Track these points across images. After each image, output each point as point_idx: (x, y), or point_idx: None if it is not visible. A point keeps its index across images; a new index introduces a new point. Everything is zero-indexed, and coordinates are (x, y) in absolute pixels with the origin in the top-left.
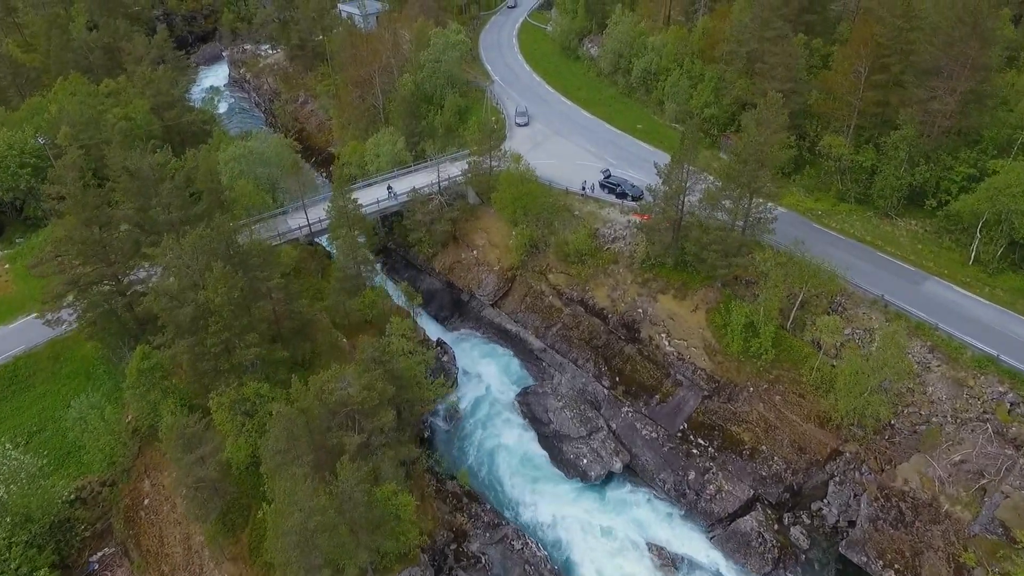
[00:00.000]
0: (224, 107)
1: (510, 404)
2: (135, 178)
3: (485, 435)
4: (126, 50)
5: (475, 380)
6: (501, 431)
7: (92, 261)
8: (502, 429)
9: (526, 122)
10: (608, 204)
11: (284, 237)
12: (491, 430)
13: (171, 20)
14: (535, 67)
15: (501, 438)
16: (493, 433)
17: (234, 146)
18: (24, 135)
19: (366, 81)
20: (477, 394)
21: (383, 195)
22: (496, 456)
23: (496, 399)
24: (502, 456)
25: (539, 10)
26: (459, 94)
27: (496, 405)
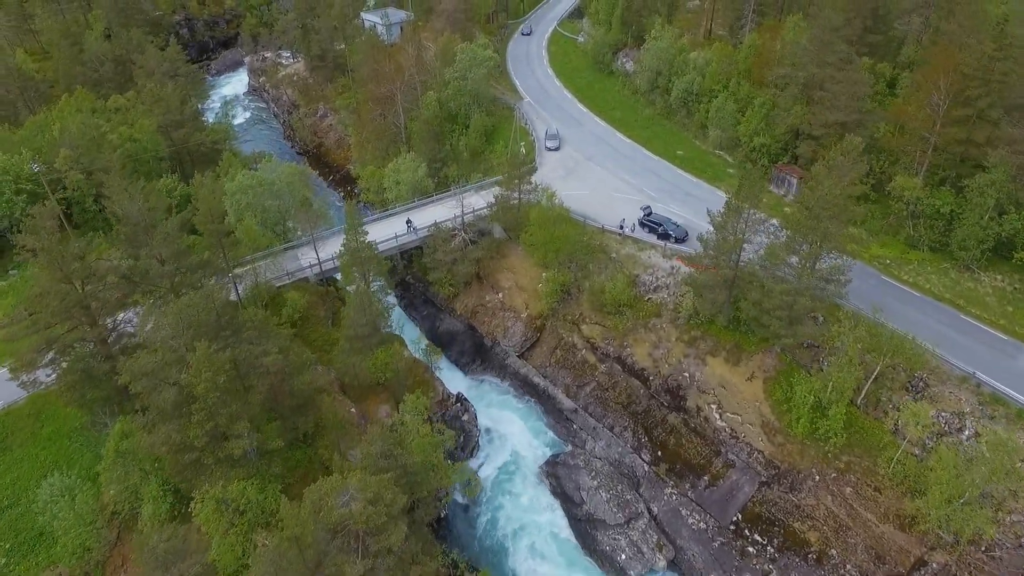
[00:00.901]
0: (242, 117)
1: (537, 474)
2: (124, 223)
3: (509, 514)
4: (138, 63)
5: (498, 441)
6: (527, 509)
7: (71, 321)
8: (528, 507)
9: (557, 146)
10: (649, 246)
11: (293, 276)
12: (516, 508)
13: (192, 25)
14: (566, 82)
15: (527, 518)
16: (518, 512)
17: (242, 175)
18: (21, 159)
19: (387, 99)
20: (500, 460)
21: (402, 229)
22: (520, 541)
23: (521, 467)
24: (528, 541)
25: (569, 18)
26: (486, 112)
27: (522, 475)
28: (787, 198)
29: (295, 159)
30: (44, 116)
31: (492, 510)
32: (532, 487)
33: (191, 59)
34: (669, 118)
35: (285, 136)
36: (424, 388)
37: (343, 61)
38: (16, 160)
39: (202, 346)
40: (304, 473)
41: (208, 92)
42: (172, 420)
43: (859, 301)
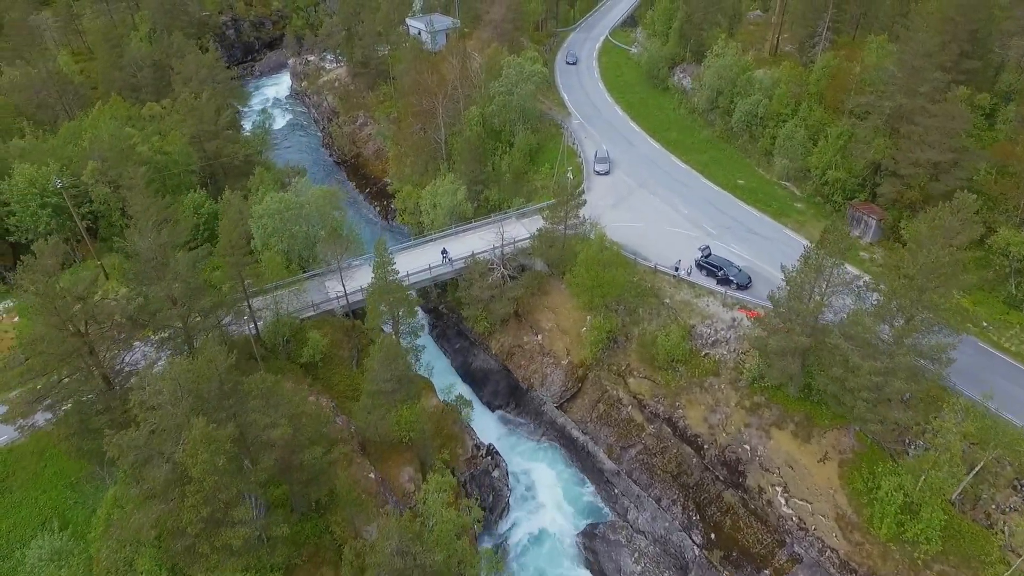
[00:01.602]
0: (282, 121)
1: (572, 545)
2: (134, 259)
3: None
4: (176, 68)
5: (530, 502)
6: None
7: (68, 368)
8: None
9: (607, 170)
10: (707, 292)
11: (319, 308)
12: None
13: (239, 26)
14: (618, 98)
15: None
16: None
17: (269, 198)
18: (48, 171)
19: (428, 112)
20: (532, 525)
21: (436, 259)
22: None
23: (555, 536)
24: None
25: (622, 27)
26: (531, 130)
27: (555, 545)
28: (864, 240)
29: (332, 168)
30: (78, 124)
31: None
32: (567, 563)
33: (236, 60)
34: (730, 142)
35: (323, 143)
36: (453, 443)
37: (386, 68)
38: (43, 172)
39: (200, 423)
40: (313, 551)
41: (247, 99)
42: (161, 502)
43: (955, 375)
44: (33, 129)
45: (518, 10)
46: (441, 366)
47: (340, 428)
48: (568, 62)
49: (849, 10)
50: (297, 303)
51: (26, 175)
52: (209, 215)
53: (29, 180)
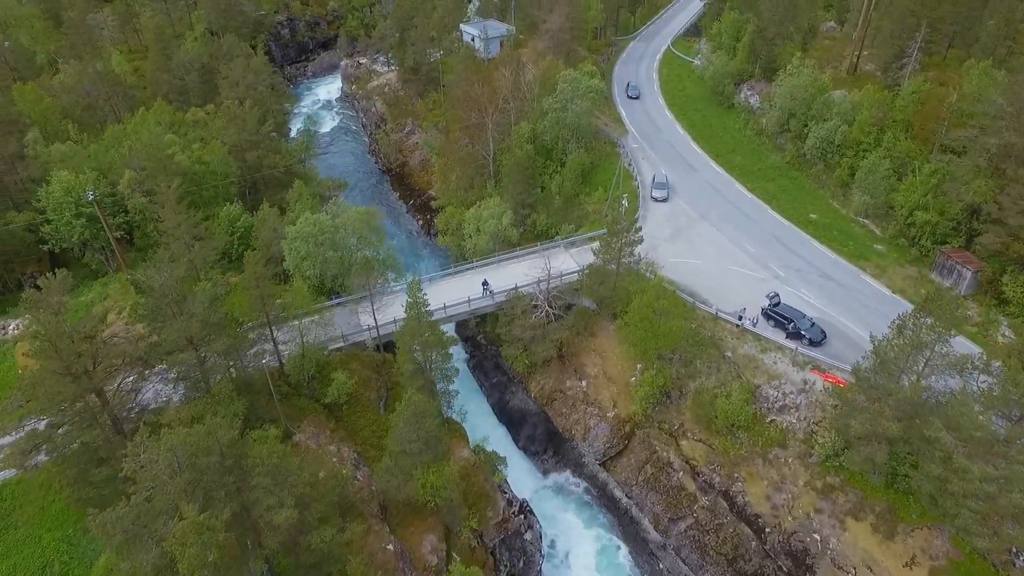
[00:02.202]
0: (330, 125)
1: None
2: (148, 294)
3: None
4: (223, 72)
5: (564, 571)
6: None
7: (71, 414)
8: None
9: (665, 196)
10: (775, 346)
11: (349, 339)
12: None
13: (294, 25)
14: (678, 115)
15: None
16: None
17: (304, 220)
18: (85, 179)
19: (477, 126)
20: None
21: (476, 290)
22: None
23: None
24: None
25: (684, 37)
26: (585, 148)
27: None
28: (954, 293)
29: (377, 176)
30: (121, 128)
31: None
32: None
33: (290, 60)
34: (801, 170)
35: (370, 150)
36: (483, 503)
37: (436, 75)
38: (80, 181)
39: (190, 512)
40: None
41: (294, 104)
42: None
43: None
44: (78, 133)
45: (577, 19)
46: (476, 401)
47: (360, 486)
48: (630, 95)
49: (943, 29)
50: (325, 334)
51: (63, 183)
52: (244, 229)
53: (65, 188)
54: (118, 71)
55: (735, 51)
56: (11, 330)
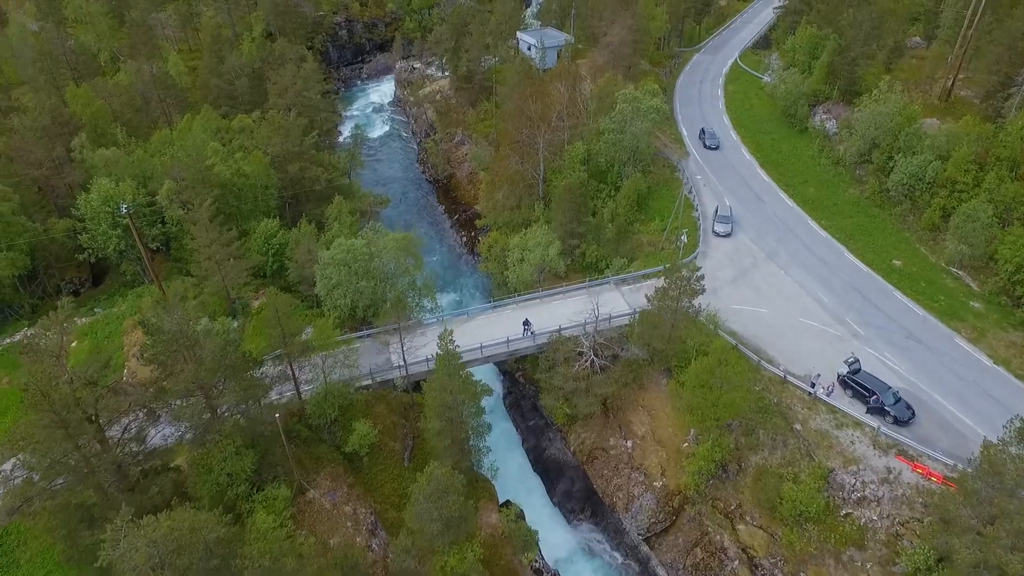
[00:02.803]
0: (380, 130)
1: None
2: (156, 337)
3: None
4: (272, 79)
5: None
6: None
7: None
8: None
9: (728, 231)
10: (852, 422)
11: (376, 377)
12: None
13: (352, 27)
14: (744, 136)
15: None
16: None
17: (337, 245)
18: (124, 189)
19: (528, 143)
20: None
21: (516, 329)
22: None
23: None
24: None
25: (753, 50)
26: (642, 171)
27: None
28: None
29: (423, 187)
30: (168, 134)
31: None
32: None
33: (346, 61)
34: (883, 207)
35: (418, 158)
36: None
37: (490, 84)
38: (119, 190)
39: None
40: None
41: (346, 109)
42: None
43: None
44: (126, 136)
45: (640, 31)
46: (510, 442)
47: (373, 559)
48: (708, 145)
49: None
50: (350, 373)
51: (102, 192)
52: (280, 247)
53: (104, 198)
54: (174, 72)
55: (810, 69)
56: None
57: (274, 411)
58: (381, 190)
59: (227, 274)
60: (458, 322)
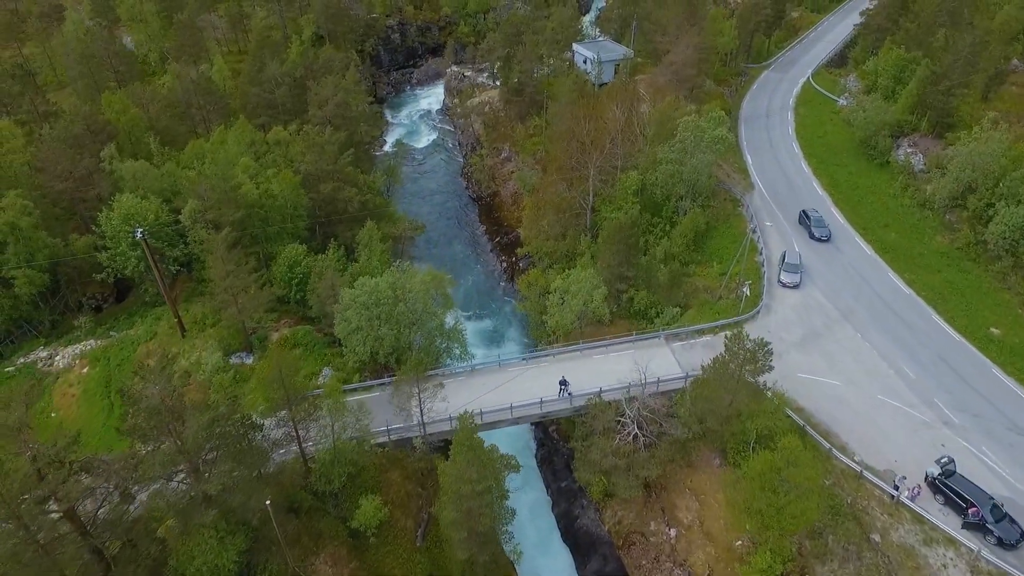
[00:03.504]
0: (426, 139)
1: None
2: (135, 407)
3: None
4: (312, 89)
5: None
6: None
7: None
8: None
9: (797, 282)
10: (945, 538)
11: (393, 435)
12: None
13: (404, 30)
14: (817, 169)
15: None
16: None
17: (360, 285)
18: (147, 206)
19: (577, 169)
20: None
21: (550, 387)
22: None
23: None
24: None
25: (827, 68)
26: (701, 206)
27: None
28: None
29: (465, 203)
30: (201, 144)
31: None
32: None
33: (398, 65)
34: (979, 262)
35: (463, 172)
36: None
37: (541, 98)
38: (142, 207)
39: None
40: None
41: (382, 128)
42: None
43: None
44: (159, 147)
45: (707, 50)
46: (538, 505)
47: None
48: (817, 236)
49: None
50: (364, 426)
51: (124, 209)
52: (303, 275)
53: (125, 216)
54: (218, 76)
55: (894, 95)
56: (58, 361)
57: (264, 497)
58: (422, 203)
59: (244, 307)
60: (487, 372)
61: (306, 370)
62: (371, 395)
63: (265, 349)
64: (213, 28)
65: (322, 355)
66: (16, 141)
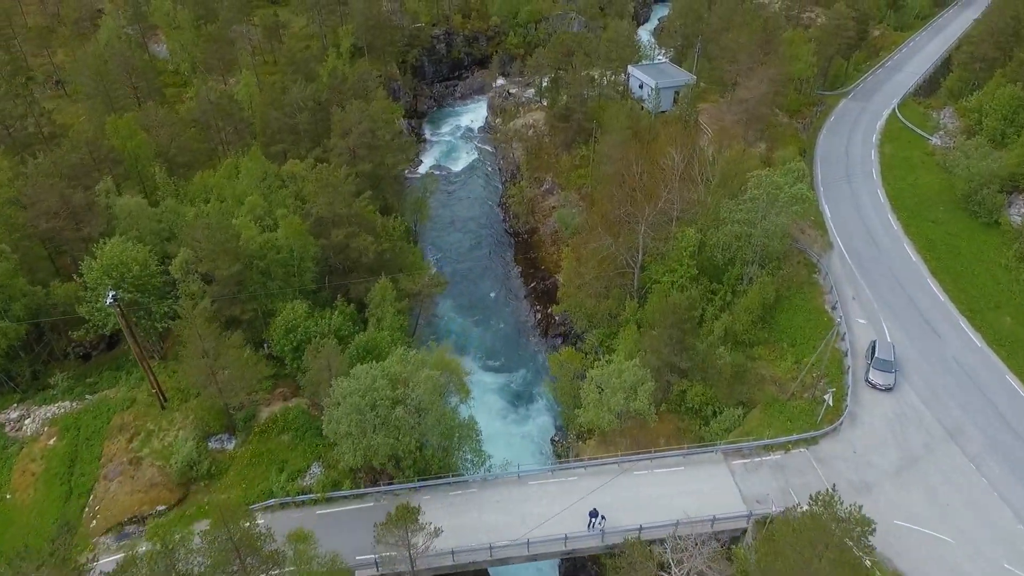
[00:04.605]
0: (465, 160)
1: None
2: None
3: None
4: (335, 115)
5: None
6: None
7: None
8: None
9: (891, 384)
10: None
11: (384, 567)
12: None
13: (451, 40)
14: (907, 224)
15: None
16: None
17: (356, 374)
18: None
19: (626, 222)
20: None
21: (577, 518)
22: None
23: None
24: None
25: (916, 97)
26: (770, 272)
27: None
28: None
29: (501, 238)
30: (211, 174)
31: None
32: None
33: (442, 77)
34: None
35: (501, 201)
36: None
37: (590, 126)
38: (129, 255)
39: None
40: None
41: (414, 158)
42: None
43: None
44: (165, 177)
45: (783, 81)
46: None
47: None
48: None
49: None
50: (344, 541)
51: (107, 259)
52: (301, 340)
53: (107, 266)
54: (244, 93)
55: (1003, 139)
56: (28, 425)
57: None
58: (453, 232)
59: (225, 387)
60: (503, 485)
61: (293, 465)
62: (364, 505)
63: (250, 432)
64: (247, 40)
65: (314, 445)
66: (1, 174)
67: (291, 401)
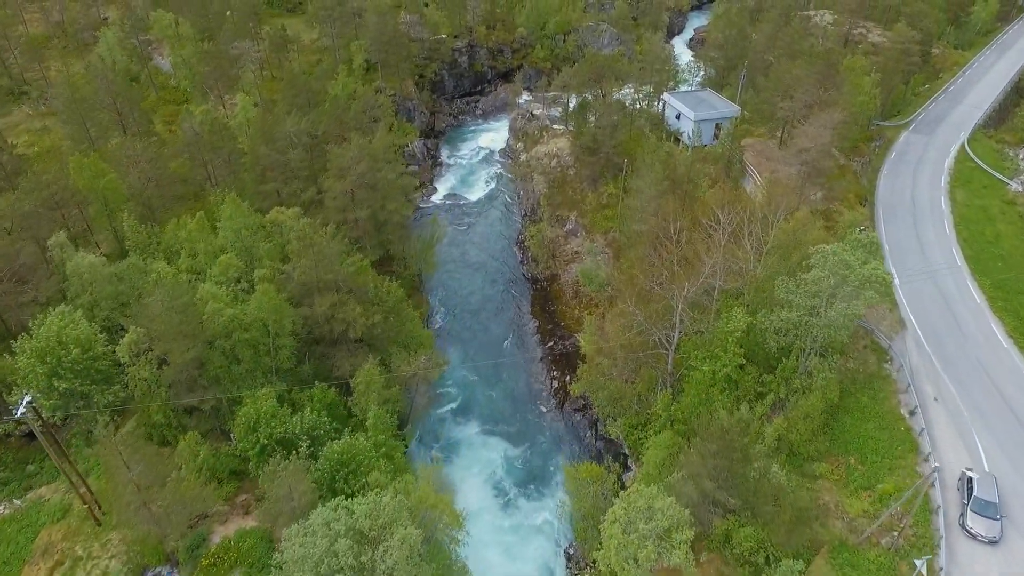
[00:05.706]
0: (482, 190)
1: None
2: None
3: None
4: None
5: None
6: None
7: None
8: None
9: (996, 534)
10: None
11: None
12: None
13: (474, 52)
14: (992, 296)
15: None
16: None
17: (315, 526)
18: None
19: (659, 298)
20: None
21: None
22: None
23: None
24: None
25: (987, 129)
26: (832, 365)
27: None
28: None
29: (517, 283)
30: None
31: None
32: None
33: (463, 92)
34: None
35: (519, 240)
36: None
37: (620, 161)
38: (70, 334)
39: None
40: None
41: (415, 204)
42: None
43: None
44: (135, 224)
45: (846, 123)
46: None
47: None
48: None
49: None
50: None
51: (41, 340)
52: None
53: (41, 351)
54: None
55: None
56: None
57: None
58: (465, 273)
59: (161, 519)
60: None
61: None
62: None
63: (196, 566)
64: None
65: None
66: None
67: (251, 517)
